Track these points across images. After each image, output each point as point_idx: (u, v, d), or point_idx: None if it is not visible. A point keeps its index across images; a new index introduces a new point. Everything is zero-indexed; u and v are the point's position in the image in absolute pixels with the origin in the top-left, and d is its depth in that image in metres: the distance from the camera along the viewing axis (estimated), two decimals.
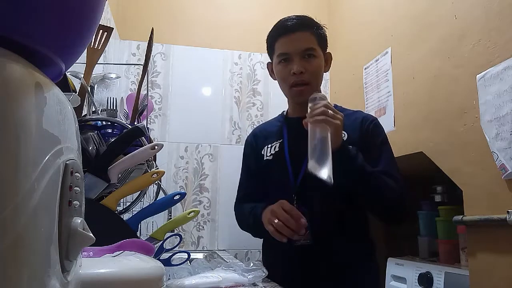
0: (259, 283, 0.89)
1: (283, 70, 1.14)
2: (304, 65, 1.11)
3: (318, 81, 1.16)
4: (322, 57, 1.16)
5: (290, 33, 1.13)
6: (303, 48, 1.11)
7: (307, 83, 1.12)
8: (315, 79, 1.14)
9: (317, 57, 1.14)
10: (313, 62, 1.12)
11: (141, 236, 1.14)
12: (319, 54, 1.15)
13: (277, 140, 1.20)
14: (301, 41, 1.12)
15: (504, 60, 1.04)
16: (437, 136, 1.30)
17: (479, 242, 1.12)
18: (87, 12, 0.36)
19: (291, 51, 1.12)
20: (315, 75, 1.13)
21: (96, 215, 0.51)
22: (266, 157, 1.20)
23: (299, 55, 1.12)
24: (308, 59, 1.12)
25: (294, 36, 1.13)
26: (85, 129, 0.85)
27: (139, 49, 2.07)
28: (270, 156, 1.18)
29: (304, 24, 1.15)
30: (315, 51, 1.13)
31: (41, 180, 0.29)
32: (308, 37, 1.13)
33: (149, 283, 0.48)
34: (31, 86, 0.30)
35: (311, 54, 1.12)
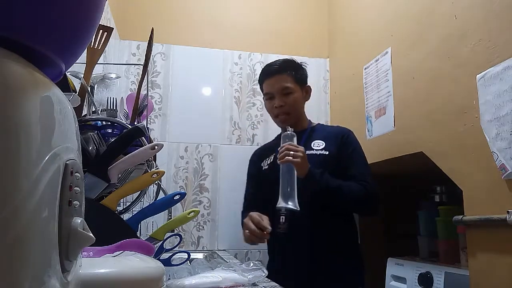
0: (259, 283, 0.89)
1: (268, 105, 1.56)
2: (284, 100, 1.49)
3: (296, 110, 1.52)
4: (298, 92, 1.52)
5: (272, 76, 1.52)
6: (281, 87, 1.50)
7: (288, 113, 1.50)
8: (293, 109, 1.51)
9: (293, 93, 1.50)
10: (290, 97, 1.50)
11: (141, 236, 1.14)
12: (296, 90, 1.51)
13: (272, 153, 1.53)
14: (280, 82, 1.50)
15: (504, 60, 1.04)
16: (437, 136, 1.30)
17: (479, 242, 1.12)
18: (87, 12, 0.36)
19: (272, 91, 1.51)
20: (293, 107, 1.51)
21: (96, 215, 0.51)
22: (264, 168, 1.56)
23: (279, 93, 1.50)
24: (286, 95, 1.49)
25: (275, 78, 1.51)
26: (85, 129, 0.85)
27: (139, 49, 2.07)
28: (266, 166, 1.54)
29: (282, 68, 1.52)
30: (292, 88, 1.50)
31: (41, 180, 0.29)
32: (285, 78, 1.50)
33: (149, 283, 0.48)
34: (31, 86, 0.30)
35: (289, 92, 1.49)
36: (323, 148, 1.45)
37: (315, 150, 1.45)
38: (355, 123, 1.83)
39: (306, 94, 1.57)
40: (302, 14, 2.31)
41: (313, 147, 1.46)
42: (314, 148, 1.46)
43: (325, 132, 1.53)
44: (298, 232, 1.38)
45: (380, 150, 1.61)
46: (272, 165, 1.49)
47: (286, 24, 2.27)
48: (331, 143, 1.46)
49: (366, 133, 1.74)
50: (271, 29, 2.24)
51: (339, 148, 1.44)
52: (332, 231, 1.41)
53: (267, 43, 2.20)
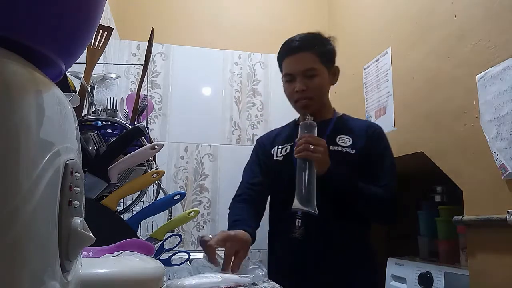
0: (259, 283, 0.89)
1: (288, 88, 1.28)
2: (306, 83, 1.23)
3: (321, 95, 1.27)
4: (324, 74, 1.25)
5: (293, 54, 1.25)
6: (304, 69, 1.23)
7: (310, 97, 1.24)
8: (317, 94, 1.25)
9: (318, 75, 1.24)
10: (314, 80, 1.23)
11: (141, 236, 1.14)
12: (322, 72, 1.24)
13: (288, 143, 1.29)
14: (303, 62, 1.23)
15: (504, 60, 1.04)
16: (437, 136, 1.30)
17: (479, 242, 1.12)
18: (87, 12, 0.36)
19: (294, 72, 1.25)
20: (317, 91, 1.24)
21: (96, 215, 0.51)
22: (276, 157, 1.29)
23: (301, 74, 1.23)
24: (310, 77, 1.23)
25: (297, 57, 1.24)
26: (85, 129, 0.85)
27: (139, 49, 2.07)
28: (280, 157, 1.28)
29: (306, 45, 1.25)
30: (316, 70, 1.23)
31: (41, 180, 0.29)
32: (309, 57, 1.23)
33: (149, 283, 0.48)
34: (31, 86, 0.30)
35: (313, 74, 1.23)
36: (350, 145, 1.22)
37: (340, 146, 1.22)
38: None
39: (333, 77, 1.30)
40: (302, 14, 2.31)
41: (339, 143, 1.23)
42: (340, 143, 1.23)
43: (354, 125, 1.28)
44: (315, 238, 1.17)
45: None
46: (288, 158, 1.25)
47: (286, 24, 2.27)
48: (359, 140, 1.23)
49: None
50: (271, 29, 2.24)
51: (368, 147, 1.22)
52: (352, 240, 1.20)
53: (267, 43, 2.20)
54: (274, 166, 1.29)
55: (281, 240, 1.24)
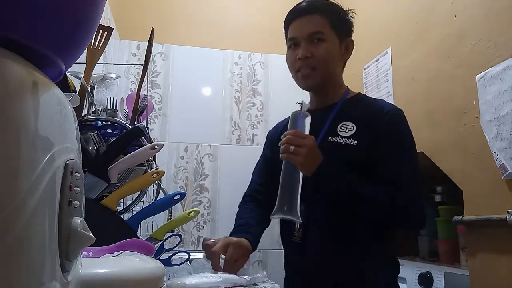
0: (259, 282, 0.89)
1: (290, 55, 1.09)
2: (311, 49, 1.04)
3: (327, 67, 1.06)
4: (335, 42, 1.07)
5: (300, 17, 1.08)
6: (310, 32, 1.05)
7: (314, 67, 1.04)
8: (323, 64, 1.05)
9: (327, 41, 1.05)
10: (321, 46, 1.04)
11: (141, 236, 1.14)
12: (331, 38, 1.06)
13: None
14: (309, 24, 1.06)
15: (504, 60, 1.04)
16: (437, 136, 1.30)
17: (479, 242, 1.12)
18: (87, 12, 0.36)
19: (298, 35, 1.07)
20: (323, 61, 1.04)
21: (96, 215, 0.51)
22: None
23: (306, 39, 1.05)
24: (316, 43, 1.05)
25: (304, 19, 1.07)
26: (85, 129, 0.85)
27: (139, 49, 2.07)
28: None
29: (315, 6, 1.08)
30: (324, 34, 1.05)
31: (41, 180, 0.29)
32: (318, 20, 1.06)
33: (149, 283, 0.48)
34: (31, 86, 0.30)
35: (320, 38, 1.04)
36: (352, 135, 1.00)
37: (340, 136, 1.01)
38: None
39: (345, 50, 1.11)
40: None
41: (339, 132, 1.01)
42: (340, 133, 1.01)
43: (363, 109, 1.04)
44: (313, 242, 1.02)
45: None
46: None
47: None
48: (364, 128, 1.00)
49: None
50: (271, 29, 2.23)
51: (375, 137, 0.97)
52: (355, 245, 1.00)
53: (267, 43, 2.20)
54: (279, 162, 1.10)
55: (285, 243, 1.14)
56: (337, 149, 0.99)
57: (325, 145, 1.00)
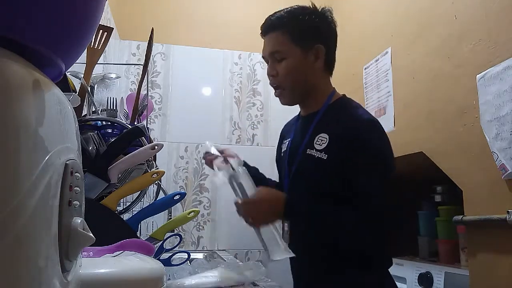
0: (259, 282, 0.89)
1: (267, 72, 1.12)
2: (275, 67, 1.07)
3: (294, 83, 1.06)
4: (297, 55, 1.05)
5: (264, 36, 1.12)
6: (270, 51, 1.08)
7: (281, 87, 1.07)
8: (287, 82, 1.06)
9: (287, 58, 1.05)
10: (282, 64, 1.06)
11: (141, 236, 1.14)
12: (292, 53, 1.05)
13: (288, 138, 1.16)
14: (270, 44, 1.09)
15: (504, 60, 1.04)
16: (437, 136, 1.30)
17: (479, 242, 1.12)
18: (87, 12, 0.36)
19: (265, 55, 1.11)
20: (286, 79, 1.06)
21: (96, 215, 0.51)
22: (282, 152, 1.18)
23: (270, 58, 1.08)
24: (279, 61, 1.06)
25: (266, 38, 1.11)
26: (85, 129, 0.85)
27: (139, 49, 2.07)
28: (282, 154, 1.17)
29: (274, 24, 1.09)
30: (283, 52, 1.05)
31: (41, 180, 0.29)
32: (277, 38, 1.07)
33: (149, 283, 0.48)
34: (31, 86, 0.30)
35: (280, 57, 1.06)
36: (324, 148, 0.99)
37: (315, 150, 1.01)
38: None
39: (315, 58, 1.06)
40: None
41: (315, 145, 1.01)
42: (316, 146, 1.01)
43: (338, 118, 1.03)
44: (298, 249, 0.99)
45: None
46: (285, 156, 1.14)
47: None
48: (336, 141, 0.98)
49: None
50: None
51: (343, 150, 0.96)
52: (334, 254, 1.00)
53: None
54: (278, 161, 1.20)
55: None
56: (312, 163, 1.00)
57: (303, 158, 1.03)
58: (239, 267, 0.92)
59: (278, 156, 1.21)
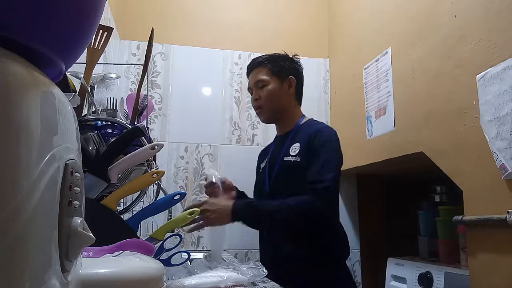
0: (259, 282, 0.89)
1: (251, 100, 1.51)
2: (258, 93, 1.45)
3: (272, 104, 1.44)
4: (275, 84, 1.43)
5: (250, 71, 1.50)
6: (255, 81, 1.46)
7: (261, 107, 1.45)
8: (267, 103, 1.44)
9: (268, 85, 1.43)
10: (264, 90, 1.43)
11: (141, 236, 1.14)
12: (271, 82, 1.43)
13: (267, 156, 1.51)
14: (255, 76, 1.46)
15: (504, 60, 1.04)
16: (437, 136, 1.30)
17: (479, 242, 1.12)
18: (87, 12, 0.36)
19: (251, 85, 1.49)
20: (266, 100, 1.43)
21: (96, 215, 0.51)
22: (260, 170, 1.53)
23: (254, 86, 1.46)
24: (261, 88, 1.44)
25: (252, 73, 1.48)
26: (85, 129, 0.85)
27: (139, 49, 2.07)
28: (261, 170, 1.52)
29: (258, 62, 1.48)
30: (265, 81, 1.43)
31: (41, 180, 0.29)
32: (260, 71, 1.45)
33: (149, 283, 0.48)
34: (31, 86, 0.30)
35: (263, 84, 1.44)
36: (297, 153, 1.34)
37: (290, 156, 1.36)
38: (355, 123, 1.83)
39: (289, 87, 1.45)
40: (302, 14, 2.31)
41: (291, 153, 1.36)
42: (291, 153, 1.36)
43: (306, 132, 1.38)
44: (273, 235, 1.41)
45: (380, 150, 1.61)
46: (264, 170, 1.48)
47: (286, 24, 2.27)
48: (304, 146, 1.34)
49: (366, 133, 1.74)
50: (271, 29, 2.24)
51: (307, 151, 1.32)
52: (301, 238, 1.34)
53: (267, 43, 2.20)
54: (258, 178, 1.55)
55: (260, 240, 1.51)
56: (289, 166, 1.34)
57: (281, 164, 1.37)
58: (239, 267, 0.92)
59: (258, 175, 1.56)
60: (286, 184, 1.34)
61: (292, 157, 1.35)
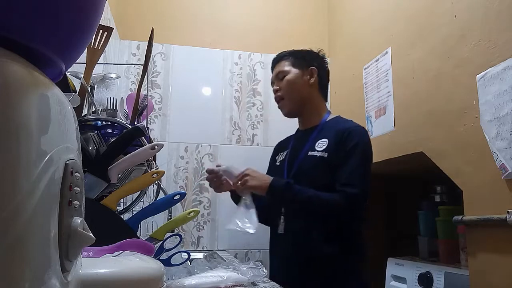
0: (259, 282, 0.90)
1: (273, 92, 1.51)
2: (279, 84, 1.46)
3: (293, 94, 1.44)
4: (296, 74, 1.44)
5: (273, 68, 1.52)
6: (276, 73, 1.48)
7: (282, 97, 1.45)
8: (288, 93, 1.44)
9: (287, 75, 1.44)
10: (284, 80, 1.44)
11: (141, 236, 1.14)
12: (291, 72, 1.44)
13: (286, 150, 1.50)
14: (276, 69, 1.49)
15: (504, 60, 1.04)
16: (437, 136, 1.30)
17: (479, 242, 1.12)
18: (87, 12, 0.36)
19: (272, 79, 1.51)
20: (287, 90, 1.44)
21: (96, 215, 0.51)
22: (277, 163, 1.52)
23: (276, 79, 1.48)
24: (281, 79, 1.45)
25: (274, 68, 1.51)
26: (85, 129, 0.85)
27: (139, 49, 2.07)
28: (279, 163, 1.50)
29: (281, 56, 1.50)
30: (285, 72, 1.45)
31: (41, 180, 0.29)
32: (281, 64, 1.47)
33: (149, 283, 0.48)
34: (31, 86, 0.30)
35: (283, 75, 1.45)
36: (324, 149, 1.33)
37: (316, 151, 1.35)
38: None
39: (310, 77, 1.45)
40: (302, 14, 2.31)
41: (316, 148, 1.36)
42: (317, 148, 1.36)
43: (334, 128, 1.37)
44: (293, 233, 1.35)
45: (380, 150, 1.61)
46: (282, 162, 1.47)
47: (286, 24, 2.27)
48: (332, 142, 1.33)
49: None
50: (271, 29, 2.24)
51: (337, 148, 1.31)
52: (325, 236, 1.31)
53: (267, 43, 2.20)
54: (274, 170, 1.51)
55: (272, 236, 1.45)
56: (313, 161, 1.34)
57: (305, 159, 1.36)
58: (239, 267, 0.92)
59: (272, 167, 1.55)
60: (308, 178, 1.33)
61: (318, 152, 1.34)
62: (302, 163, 1.37)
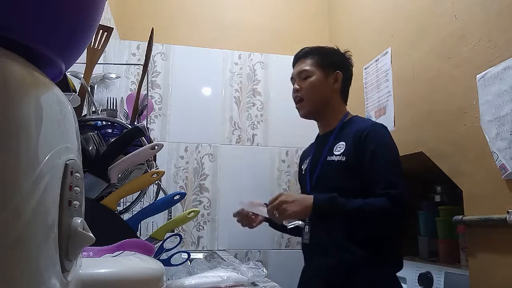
0: (259, 282, 0.90)
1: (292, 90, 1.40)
2: (300, 84, 1.35)
3: (313, 96, 1.34)
4: (319, 76, 1.34)
5: (296, 62, 1.41)
6: (299, 71, 1.37)
7: (302, 99, 1.35)
8: (309, 94, 1.34)
9: (311, 77, 1.34)
10: (307, 81, 1.34)
11: (141, 236, 1.14)
12: (316, 74, 1.34)
13: (308, 157, 1.42)
14: (299, 66, 1.38)
15: (504, 60, 1.04)
16: (437, 136, 1.30)
17: (479, 242, 1.12)
18: (87, 11, 0.36)
19: (293, 75, 1.40)
20: (309, 91, 1.34)
21: (96, 215, 0.51)
22: (302, 172, 1.44)
23: (298, 77, 1.37)
24: (304, 79, 1.35)
25: (297, 63, 1.40)
26: (85, 129, 0.85)
27: (139, 49, 2.07)
28: (304, 172, 1.42)
29: (306, 52, 1.39)
30: (309, 71, 1.34)
31: (41, 180, 0.29)
32: (305, 62, 1.37)
33: (149, 283, 0.48)
34: (31, 86, 0.30)
35: (306, 75, 1.34)
36: (342, 152, 1.24)
37: (334, 155, 1.26)
38: None
39: (334, 81, 1.35)
40: (302, 14, 2.31)
41: (334, 152, 1.27)
42: (335, 153, 1.26)
43: (351, 130, 1.27)
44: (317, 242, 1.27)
45: None
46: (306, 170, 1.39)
47: (286, 24, 2.27)
48: (351, 145, 1.24)
49: None
50: (271, 29, 2.24)
51: (356, 151, 1.21)
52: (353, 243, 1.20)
53: (267, 43, 2.20)
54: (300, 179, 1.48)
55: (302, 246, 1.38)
56: (332, 166, 1.25)
57: (324, 164, 1.28)
58: (239, 267, 0.92)
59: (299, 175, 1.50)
60: (329, 185, 1.24)
61: (336, 156, 1.26)
62: (322, 169, 1.29)
